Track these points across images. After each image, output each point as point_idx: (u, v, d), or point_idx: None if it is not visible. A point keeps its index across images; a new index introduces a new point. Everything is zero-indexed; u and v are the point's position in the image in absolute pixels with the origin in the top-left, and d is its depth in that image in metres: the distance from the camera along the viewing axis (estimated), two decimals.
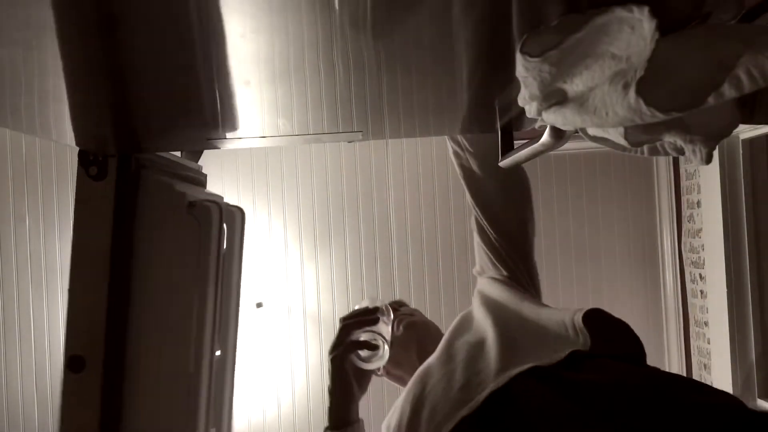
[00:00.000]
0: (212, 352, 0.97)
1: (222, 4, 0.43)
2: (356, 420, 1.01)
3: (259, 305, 2.95)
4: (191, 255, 0.89)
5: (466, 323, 1.06)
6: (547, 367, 0.82)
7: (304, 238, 3.04)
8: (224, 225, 0.99)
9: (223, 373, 1.10)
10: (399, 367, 1.14)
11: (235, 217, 1.12)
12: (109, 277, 0.85)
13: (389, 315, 1.06)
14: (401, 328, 1.15)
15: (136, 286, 0.88)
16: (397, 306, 1.25)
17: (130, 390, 0.87)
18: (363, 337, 1.00)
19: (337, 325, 1.01)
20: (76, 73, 0.57)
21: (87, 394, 0.84)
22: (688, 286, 2.96)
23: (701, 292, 2.84)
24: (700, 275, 2.84)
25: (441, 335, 1.13)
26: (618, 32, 0.45)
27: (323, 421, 1.00)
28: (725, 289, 2.63)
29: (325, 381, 1.01)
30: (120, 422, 0.86)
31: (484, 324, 1.02)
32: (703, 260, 2.81)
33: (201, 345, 0.91)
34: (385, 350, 1.00)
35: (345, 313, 1.04)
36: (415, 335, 1.13)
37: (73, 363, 0.84)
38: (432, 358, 0.99)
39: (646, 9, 0.43)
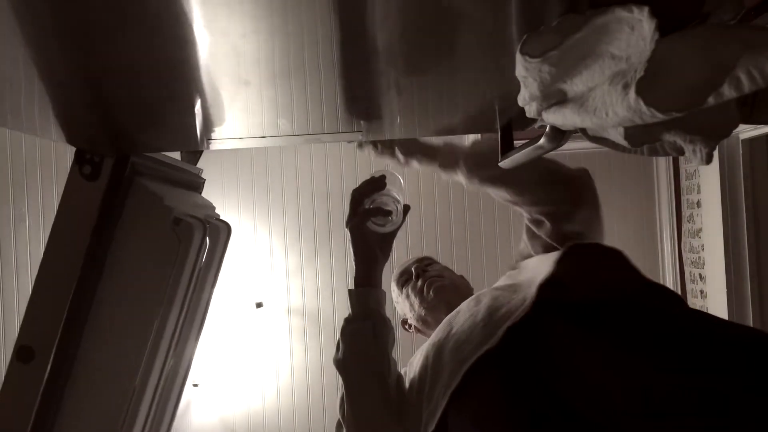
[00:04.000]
0: (164, 367, 0.96)
1: (222, 4, 0.43)
2: (379, 285, 1.03)
3: (259, 305, 2.95)
4: (164, 270, 0.88)
5: (503, 280, 1.08)
6: (567, 302, 0.83)
7: (304, 238, 3.04)
8: (207, 240, 0.99)
9: (172, 386, 1.09)
10: (429, 328, 1.17)
11: (220, 232, 1.12)
12: (79, 277, 0.84)
13: (397, 178, 1.08)
14: (431, 293, 1.17)
15: (103, 290, 0.87)
16: (426, 266, 1.26)
17: (72, 391, 0.86)
18: (375, 203, 1.02)
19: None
20: (71, 74, 0.57)
21: (28, 386, 0.83)
22: (688, 286, 2.96)
23: (701, 292, 2.84)
24: (700, 275, 2.84)
25: (469, 294, 1.15)
26: (618, 32, 0.45)
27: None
28: (725, 289, 2.63)
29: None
30: (54, 422, 0.85)
31: (515, 277, 1.04)
32: (703, 260, 2.81)
33: (153, 360, 0.91)
34: (399, 211, 1.03)
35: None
36: (445, 298, 1.15)
37: (21, 353, 0.83)
38: (461, 305, 1.01)
39: (646, 9, 0.43)
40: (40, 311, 0.85)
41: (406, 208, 1.06)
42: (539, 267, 0.95)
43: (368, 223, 1.01)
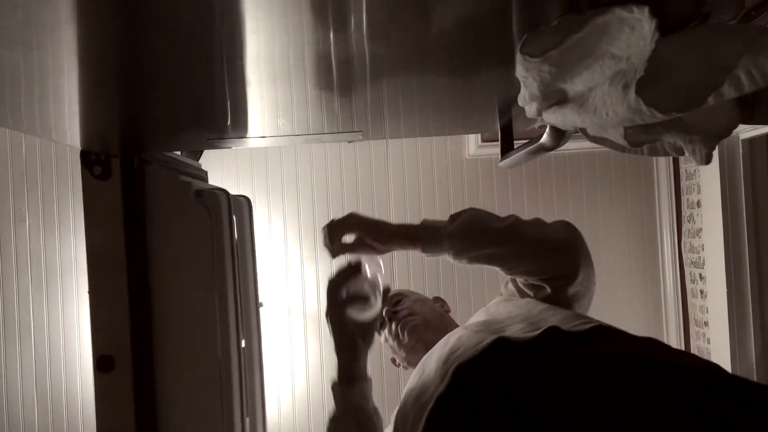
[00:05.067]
0: (239, 341, 0.96)
1: (222, 4, 0.43)
2: (364, 377, 0.99)
3: (259, 305, 2.95)
4: (205, 243, 0.89)
5: (479, 315, 1.05)
6: (521, 343, 0.80)
7: (304, 238, 3.04)
8: (233, 215, 0.98)
9: (251, 361, 1.08)
10: (413, 366, 1.14)
11: (242, 206, 1.11)
12: (127, 274, 0.85)
13: (374, 261, 1.04)
14: (405, 335, 1.14)
15: (155, 280, 0.88)
16: (395, 304, 1.21)
17: (162, 384, 0.87)
18: (352, 290, 0.99)
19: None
20: (84, 75, 0.57)
21: (119, 392, 0.85)
22: (688, 286, 2.96)
23: (701, 292, 2.84)
24: (700, 275, 2.84)
25: (446, 323, 1.13)
26: (618, 32, 0.45)
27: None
28: (725, 289, 2.63)
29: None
30: (156, 417, 0.86)
31: (490, 312, 1.02)
32: (703, 260, 2.81)
33: (226, 332, 0.91)
34: (377, 297, 0.99)
35: None
36: (420, 338, 1.13)
37: (102, 363, 0.85)
38: (434, 347, 0.98)
39: (646, 9, 0.43)
40: (104, 319, 0.86)
41: (386, 291, 1.03)
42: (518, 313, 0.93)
43: (348, 312, 0.98)
